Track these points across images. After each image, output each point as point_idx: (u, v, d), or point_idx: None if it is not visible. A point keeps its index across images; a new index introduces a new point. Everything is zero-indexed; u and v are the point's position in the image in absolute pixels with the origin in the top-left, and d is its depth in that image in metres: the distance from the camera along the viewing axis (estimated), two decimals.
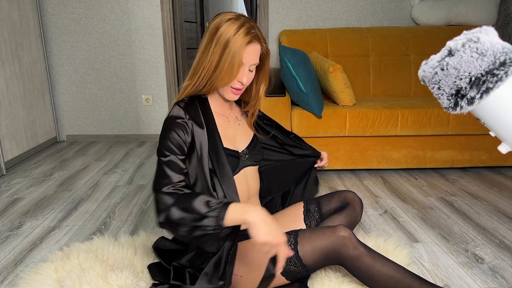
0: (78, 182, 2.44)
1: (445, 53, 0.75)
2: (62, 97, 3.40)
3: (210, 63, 1.11)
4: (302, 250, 1.14)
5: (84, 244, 1.59)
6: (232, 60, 1.08)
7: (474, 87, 0.71)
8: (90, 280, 1.32)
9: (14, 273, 1.48)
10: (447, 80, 0.74)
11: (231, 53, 1.08)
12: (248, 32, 1.09)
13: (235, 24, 1.09)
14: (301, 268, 1.15)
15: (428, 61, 0.78)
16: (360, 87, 2.96)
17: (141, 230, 1.75)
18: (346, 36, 2.99)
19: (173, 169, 1.09)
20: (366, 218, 1.92)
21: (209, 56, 1.11)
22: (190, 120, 1.16)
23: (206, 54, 1.11)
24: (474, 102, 0.72)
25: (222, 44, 1.08)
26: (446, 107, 0.76)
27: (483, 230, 1.79)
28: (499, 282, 1.40)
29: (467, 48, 0.71)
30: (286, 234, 1.19)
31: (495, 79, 0.69)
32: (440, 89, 0.76)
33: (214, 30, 1.10)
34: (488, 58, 0.69)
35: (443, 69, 0.74)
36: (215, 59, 1.10)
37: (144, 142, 3.42)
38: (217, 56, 1.09)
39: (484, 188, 2.30)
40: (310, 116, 2.37)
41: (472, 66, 0.70)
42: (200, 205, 0.99)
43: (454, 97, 0.74)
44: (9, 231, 1.82)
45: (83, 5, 3.22)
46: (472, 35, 0.73)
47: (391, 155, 2.49)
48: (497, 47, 0.70)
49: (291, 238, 1.17)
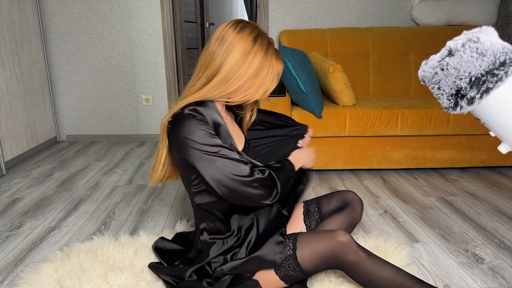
0: (78, 182, 2.44)
1: (445, 53, 0.75)
2: (62, 97, 3.40)
3: (246, 72, 1.09)
4: (300, 255, 1.14)
5: (84, 244, 1.59)
6: (271, 76, 1.12)
7: (474, 87, 0.71)
8: (90, 280, 1.32)
9: (14, 273, 1.48)
10: (447, 80, 0.74)
11: (269, 68, 1.11)
12: (277, 50, 1.16)
13: (266, 38, 1.14)
14: (300, 273, 1.15)
15: (428, 61, 0.78)
16: (360, 87, 2.96)
17: (141, 230, 1.75)
18: (346, 36, 2.99)
19: (235, 156, 1.08)
20: (366, 218, 1.92)
21: (246, 65, 1.09)
22: (207, 118, 1.13)
23: (244, 62, 1.09)
24: (474, 102, 0.72)
25: (262, 55, 1.10)
26: (446, 107, 0.76)
27: (483, 230, 1.79)
28: (499, 282, 1.40)
29: (467, 48, 0.71)
30: (286, 237, 1.19)
31: (495, 79, 0.69)
32: (440, 89, 0.76)
33: (252, 39, 1.10)
34: (488, 58, 0.69)
35: (443, 69, 0.74)
36: (254, 70, 1.10)
37: (144, 142, 3.42)
38: (257, 67, 1.10)
39: (484, 188, 2.30)
40: (310, 116, 2.37)
41: (472, 66, 0.70)
42: (284, 169, 1.18)
43: (454, 97, 0.74)
44: (9, 231, 1.82)
45: (83, 5, 3.22)
46: (472, 35, 0.73)
47: (391, 155, 2.49)
48: (497, 47, 0.70)
49: (289, 242, 1.17)
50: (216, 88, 1.11)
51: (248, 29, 1.11)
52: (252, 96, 1.14)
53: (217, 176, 1.06)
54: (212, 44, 1.12)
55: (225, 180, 1.06)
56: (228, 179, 1.06)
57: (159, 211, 2.00)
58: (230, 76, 1.09)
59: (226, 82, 1.10)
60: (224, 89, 1.11)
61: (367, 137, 2.46)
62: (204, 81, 1.12)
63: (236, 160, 1.07)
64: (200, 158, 1.06)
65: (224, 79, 1.10)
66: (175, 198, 2.17)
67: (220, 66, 1.09)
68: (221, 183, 1.06)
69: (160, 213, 1.99)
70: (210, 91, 1.12)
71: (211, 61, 1.11)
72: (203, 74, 1.13)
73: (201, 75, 1.13)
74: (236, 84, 1.10)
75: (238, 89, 1.12)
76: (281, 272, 1.16)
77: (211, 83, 1.11)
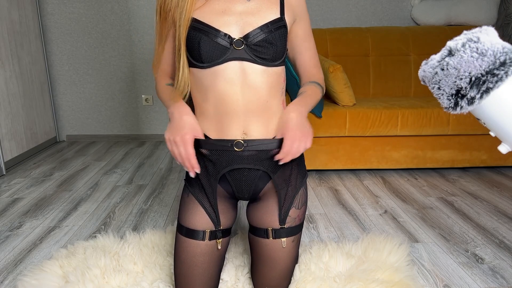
0: (78, 182, 2.44)
1: (445, 53, 0.75)
2: (62, 97, 3.40)
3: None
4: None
5: (87, 242, 1.60)
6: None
7: (474, 87, 0.71)
8: (93, 278, 1.32)
9: (14, 273, 1.48)
10: (447, 80, 0.74)
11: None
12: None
13: None
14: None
15: (428, 61, 0.78)
16: (360, 87, 2.96)
17: (142, 229, 1.75)
18: (346, 36, 2.99)
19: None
20: (366, 218, 1.92)
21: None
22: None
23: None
24: (474, 102, 0.72)
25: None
26: (446, 107, 0.76)
27: (483, 230, 1.79)
28: (499, 282, 1.40)
29: (467, 48, 0.71)
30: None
31: (495, 79, 0.69)
32: (440, 89, 0.76)
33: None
34: (488, 58, 0.69)
35: (443, 69, 0.74)
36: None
37: (144, 142, 3.42)
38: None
39: (484, 188, 2.30)
40: (310, 116, 2.37)
41: (472, 66, 0.70)
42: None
43: (454, 97, 0.74)
44: (9, 231, 1.82)
45: (83, 5, 3.22)
46: (472, 35, 0.73)
47: (391, 155, 2.49)
48: (497, 47, 0.70)
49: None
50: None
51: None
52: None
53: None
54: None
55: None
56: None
57: (159, 211, 2.00)
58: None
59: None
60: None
61: (367, 137, 2.46)
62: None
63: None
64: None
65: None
66: (175, 198, 2.17)
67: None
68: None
69: (160, 213, 1.99)
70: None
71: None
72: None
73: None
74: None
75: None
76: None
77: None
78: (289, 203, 1.16)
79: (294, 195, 1.17)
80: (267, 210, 1.16)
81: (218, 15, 1.05)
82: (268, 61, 1.05)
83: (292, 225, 1.16)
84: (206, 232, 1.14)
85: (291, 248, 1.18)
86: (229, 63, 1.03)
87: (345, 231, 1.78)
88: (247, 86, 1.05)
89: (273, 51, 1.05)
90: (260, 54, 1.04)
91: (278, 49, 1.05)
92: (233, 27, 1.04)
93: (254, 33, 1.03)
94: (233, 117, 1.07)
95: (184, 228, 1.16)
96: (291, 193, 1.16)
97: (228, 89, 1.05)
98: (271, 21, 1.04)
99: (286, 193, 1.15)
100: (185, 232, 1.16)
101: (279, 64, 1.08)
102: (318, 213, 1.97)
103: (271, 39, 1.03)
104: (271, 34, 1.03)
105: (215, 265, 1.18)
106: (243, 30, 1.04)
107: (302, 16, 1.14)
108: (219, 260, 1.20)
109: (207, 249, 1.15)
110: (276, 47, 1.05)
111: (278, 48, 1.05)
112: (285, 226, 1.15)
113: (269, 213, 1.16)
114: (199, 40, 1.03)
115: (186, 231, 1.15)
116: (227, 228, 1.20)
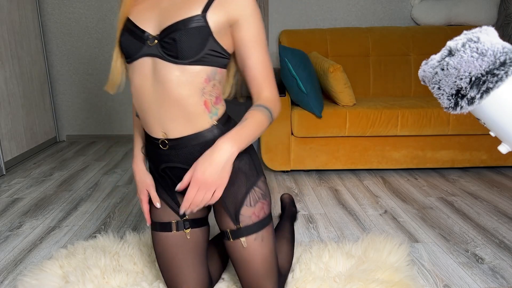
0: (78, 182, 2.44)
1: (445, 53, 0.75)
2: (62, 97, 3.40)
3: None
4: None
5: (87, 242, 1.60)
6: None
7: (474, 87, 0.71)
8: (93, 278, 1.32)
9: (14, 273, 1.48)
10: (447, 80, 0.74)
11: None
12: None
13: None
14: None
15: (428, 61, 0.78)
16: (360, 87, 2.96)
17: (145, 229, 1.75)
18: (346, 36, 2.99)
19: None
20: (366, 218, 1.92)
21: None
22: None
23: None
24: (474, 102, 0.72)
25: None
26: (446, 107, 0.76)
27: (483, 230, 1.79)
28: (499, 282, 1.40)
29: (467, 48, 0.71)
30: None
31: (495, 79, 0.69)
32: (440, 89, 0.76)
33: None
34: (488, 58, 0.69)
35: (443, 69, 0.74)
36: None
37: None
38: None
39: (484, 188, 2.30)
40: (310, 116, 2.37)
41: (472, 66, 0.70)
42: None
43: (454, 97, 0.74)
44: (9, 231, 1.82)
45: (83, 5, 3.22)
46: (472, 35, 0.73)
47: (391, 155, 2.49)
48: (497, 47, 0.70)
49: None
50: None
51: None
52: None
53: None
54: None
55: None
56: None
57: None
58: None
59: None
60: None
61: (367, 137, 2.46)
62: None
63: None
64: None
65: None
66: None
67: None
68: None
69: None
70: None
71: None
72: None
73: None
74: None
75: None
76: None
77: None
78: (239, 202, 1.12)
79: (245, 194, 1.12)
80: (220, 211, 1.15)
81: (144, 12, 1.06)
82: (177, 59, 1.00)
83: (249, 224, 1.12)
84: (172, 223, 1.18)
85: (258, 247, 1.13)
86: (144, 58, 1.04)
87: (345, 231, 1.78)
88: (157, 82, 1.03)
89: (178, 49, 0.99)
90: (167, 51, 1.01)
91: (184, 47, 0.99)
92: (153, 23, 1.04)
93: (168, 30, 1.01)
94: (150, 114, 1.07)
95: (155, 224, 1.21)
96: (238, 193, 1.12)
97: (142, 84, 1.06)
98: (187, 18, 0.99)
99: (231, 194, 1.12)
100: (156, 226, 1.21)
101: (195, 63, 1.01)
102: (318, 213, 1.97)
103: (176, 37, 0.99)
104: (179, 32, 0.99)
105: (193, 257, 1.19)
106: (161, 27, 1.03)
107: (247, 19, 1.03)
108: (196, 251, 1.20)
109: (177, 240, 1.18)
110: (182, 45, 0.99)
111: (185, 46, 0.99)
112: (240, 226, 1.12)
113: (223, 214, 1.15)
114: (122, 37, 1.07)
115: (156, 225, 1.20)
116: (198, 219, 1.21)
